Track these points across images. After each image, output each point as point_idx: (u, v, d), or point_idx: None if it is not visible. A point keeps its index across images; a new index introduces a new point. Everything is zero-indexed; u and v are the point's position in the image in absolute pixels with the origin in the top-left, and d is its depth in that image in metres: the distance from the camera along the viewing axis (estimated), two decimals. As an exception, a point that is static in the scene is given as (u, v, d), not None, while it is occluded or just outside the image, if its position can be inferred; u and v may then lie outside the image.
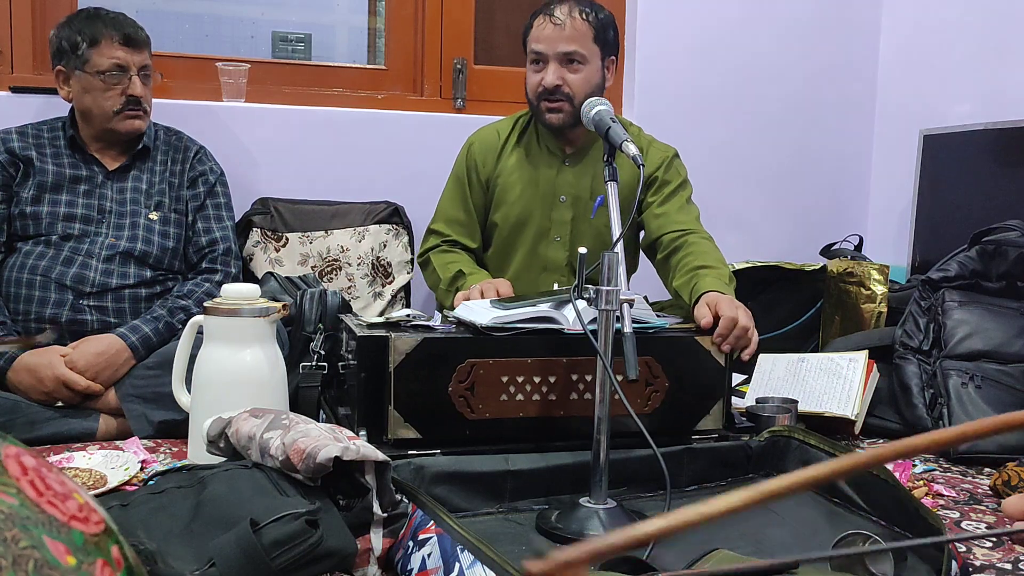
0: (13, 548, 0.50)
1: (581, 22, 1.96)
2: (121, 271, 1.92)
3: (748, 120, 2.86)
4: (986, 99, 2.57)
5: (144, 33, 2.00)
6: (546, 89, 1.97)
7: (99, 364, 1.78)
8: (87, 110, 1.97)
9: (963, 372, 1.86)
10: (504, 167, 2.10)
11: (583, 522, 1.27)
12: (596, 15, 1.99)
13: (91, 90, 1.94)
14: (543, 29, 1.97)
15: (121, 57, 1.94)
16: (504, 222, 2.11)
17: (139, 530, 1.00)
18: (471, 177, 2.12)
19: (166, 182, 2.04)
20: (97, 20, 1.94)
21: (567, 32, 1.95)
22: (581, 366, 1.50)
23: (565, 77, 1.96)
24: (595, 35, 1.98)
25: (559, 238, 2.08)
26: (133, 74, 1.95)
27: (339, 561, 1.00)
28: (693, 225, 1.97)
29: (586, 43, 1.97)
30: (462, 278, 1.99)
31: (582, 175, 2.07)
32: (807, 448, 1.49)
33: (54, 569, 0.51)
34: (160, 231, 1.99)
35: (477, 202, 2.13)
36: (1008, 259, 1.96)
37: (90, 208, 1.96)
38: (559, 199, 2.07)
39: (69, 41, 1.93)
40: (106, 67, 1.93)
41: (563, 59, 1.96)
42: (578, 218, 2.07)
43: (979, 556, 1.29)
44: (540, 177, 2.08)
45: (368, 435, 1.42)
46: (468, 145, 2.15)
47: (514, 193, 2.09)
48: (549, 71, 1.97)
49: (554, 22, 1.96)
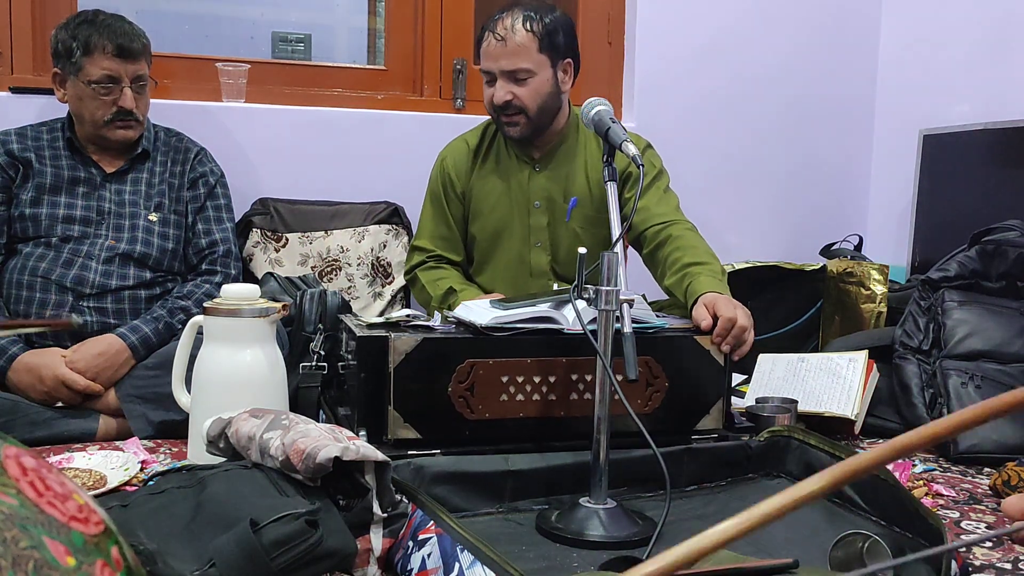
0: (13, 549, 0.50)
1: (524, 34, 1.92)
2: (120, 272, 1.92)
3: (747, 120, 2.86)
4: (986, 99, 2.57)
5: (141, 41, 1.96)
6: (498, 105, 1.96)
7: (99, 364, 1.78)
8: (80, 115, 1.96)
9: (963, 372, 1.86)
10: (478, 178, 2.10)
11: (583, 522, 1.27)
12: (541, 21, 1.94)
13: (83, 97, 1.93)
14: (488, 45, 1.95)
15: (113, 68, 1.91)
16: (482, 233, 2.10)
17: (139, 530, 1.00)
18: (447, 192, 2.11)
19: (166, 183, 2.04)
20: (92, 27, 1.91)
21: (509, 48, 1.92)
22: (581, 366, 1.50)
23: (514, 91, 1.94)
24: (540, 45, 1.93)
25: (539, 243, 2.08)
26: (125, 85, 1.93)
27: (339, 561, 1.00)
28: (674, 215, 1.95)
29: (530, 55, 1.93)
30: (453, 295, 1.99)
31: (553, 179, 2.06)
32: (807, 448, 1.49)
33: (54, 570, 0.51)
34: (159, 232, 1.99)
35: (456, 215, 2.12)
36: (1008, 259, 1.96)
37: (89, 210, 1.96)
38: (533, 204, 2.07)
39: (64, 45, 1.91)
40: (97, 77, 1.90)
41: (509, 75, 1.94)
42: (554, 222, 2.06)
43: (979, 556, 1.29)
44: (512, 184, 2.07)
45: (368, 435, 1.42)
46: (440, 160, 2.14)
47: (489, 203, 2.08)
48: (497, 88, 1.95)
49: (497, 37, 1.93)
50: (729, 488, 1.49)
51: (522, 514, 1.35)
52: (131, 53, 1.93)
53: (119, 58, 1.91)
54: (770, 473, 1.53)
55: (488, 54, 1.95)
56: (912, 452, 0.41)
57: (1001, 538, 1.34)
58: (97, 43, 1.89)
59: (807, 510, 1.39)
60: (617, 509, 1.30)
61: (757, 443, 1.55)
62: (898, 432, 1.89)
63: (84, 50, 1.89)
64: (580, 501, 1.31)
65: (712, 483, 1.50)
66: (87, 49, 1.89)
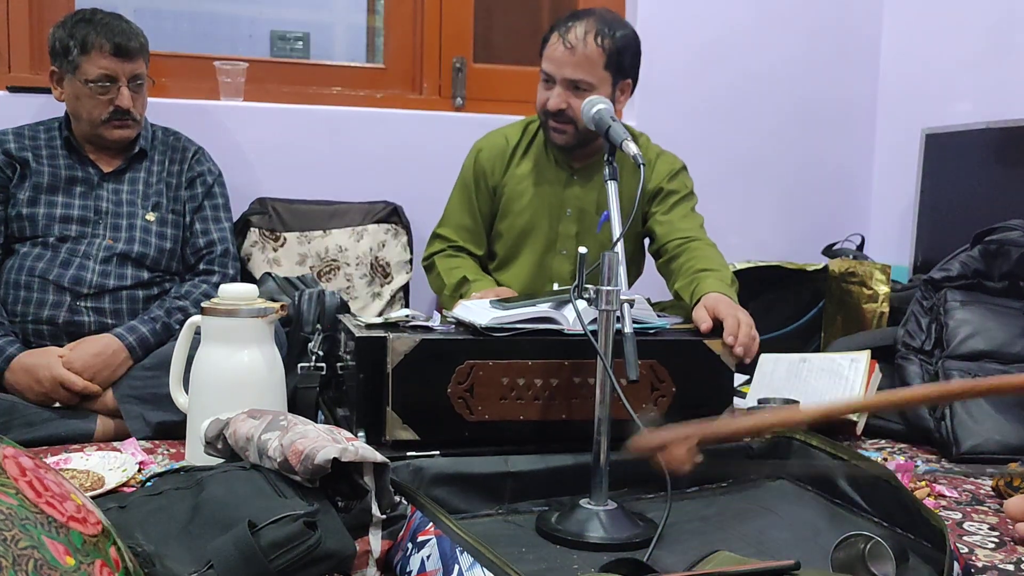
0: (13, 548, 0.50)
1: (594, 47, 1.90)
2: (118, 272, 1.91)
3: (749, 120, 2.85)
4: (988, 98, 2.57)
5: (139, 40, 1.94)
6: (551, 111, 1.95)
7: (96, 365, 1.77)
8: (77, 114, 1.95)
9: (965, 372, 1.85)
10: (512, 176, 2.09)
11: (583, 524, 1.27)
12: (613, 38, 1.91)
13: (80, 96, 1.92)
14: (555, 49, 1.92)
15: (110, 67, 1.89)
16: (509, 231, 2.10)
17: (137, 532, 0.99)
18: (479, 184, 2.10)
19: (163, 182, 2.03)
20: (90, 26, 1.89)
21: (576, 58, 1.90)
22: (583, 369, 1.48)
23: (570, 101, 1.93)
24: (607, 61, 1.91)
25: (565, 251, 2.08)
26: (122, 85, 1.91)
27: (338, 563, 0.99)
28: (696, 233, 1.96)
29: (595, 70, 1.91)
30: (466, 284, 1.98)
31: (589, 190, 2.06)
32: (809, 449, 1.48)
33: (54, 569, 0.51)
34: (157, 232, 1.98)
35: (484, 209, 2.11)
36: (1010, 259, 1.95)
37: (86, 209, 1.95)
38: (565, 212, 2.07)
39: (62, 44, 1.90)
40: (94, 76, 1.89)
41: (569, 84, 1.92)
42: (583, 232, 2.06)
43: (981, 557, 1.28)
44: (548, 189, 2.07)
45: (366, 436, 1.41)
46: (476, 151, 2.13)
47: (521, 203, 2.08)
48: (555, 94, 1.93)
49: (566, 44, 1.90)
50: (730, 489, 1.49)
51: (522, 516, 1.35)
52: (128, 52, 1.91)
53: (116, 57, 1.90)
54: (772, 474, 1.53)
55: (553, 59, 1.92)
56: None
57: (1003, 539, 1.34)
58: (94, 42, 1.88)
59: (808, 511, 1.39)
60: (618, 511, 1.29)
61: (759, 444, 1.54)
62: (900, 433, 1.89)
63: (81, 49, 1.88)
64: (580, 503, 1.30)
65: (713, 484, 1.50)
66: (84, 48, 1.88)
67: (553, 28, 1.96)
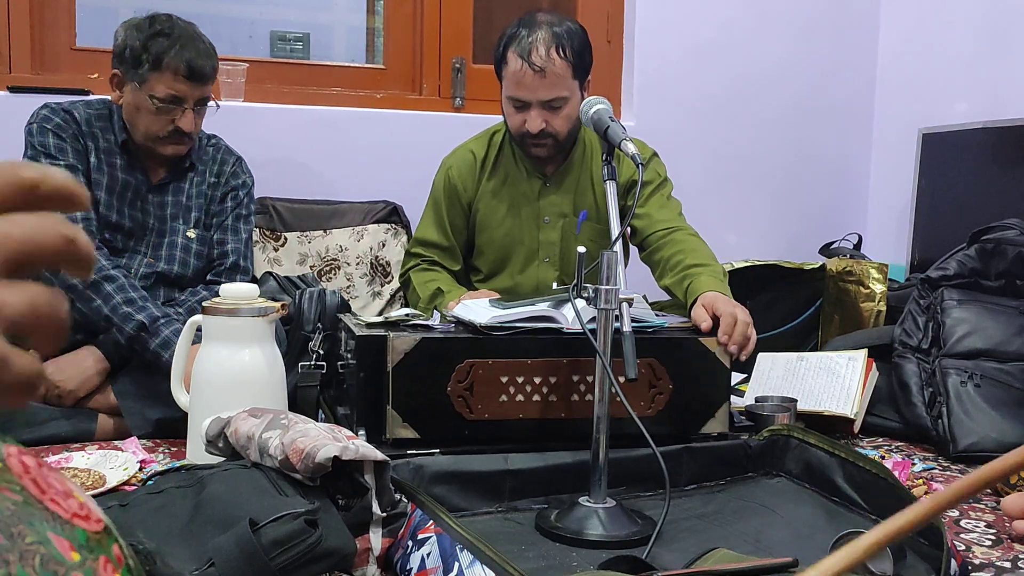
0: (20, 543, 0.50)
1: (560, 62, 1.88)
2: (153, 293, 1.87)
3: (747, 119, 2.86)
4: (985, 98, 2.57)
5: (213, 63, 1.86)
6: (532, 133, 1.94)
7: (83, 376, 1.77)
8: (133, 123, 1.87)
9: (962, 371, 1.86)
10: (484, 190, 2.07)
11: (582, 521, 1.27)
12: (571, 45, 1.90)
13: (141, 109, 1.83)
14: (523, 75, 1.88)
15: (180, 90, 1.81)
16: (490, 246, 2.09)
17: (138, 530, 1.00)
18: (452, 201, 2.08)
19: (204, 196, 1.99)
20: (168, 41, 1.79)
21: (548, 79, 1.88)
22: (583, 367, 1.49)
23: (548, 119, 1.92)
24: (573, 71, 1.91)
25: (548, 259, 2.08)
26: (188, 107, 1.84)
27: (338, 561, 1.00)
28: (677, 222, 1.96)
29: (566, 83, 1.91)
30: (440, 296, 1.97)
31: (564, 194, 2.06)
32: (806, 447, 1.49)
33: (60, 565, 0.51)
34: (196, 251, 1.95)
35: (458, 226, 2.10)
36: (1007, 257, 1.96)
37: (134, 221, 1.91)
38: (543, 220, 2.06)
39: (134, 53, 1.80)
40: (161, 95, 1.80)
41: (545, 104, 1.91)
42: (565, 237, 2.06)
43: (978, 555, 1.29)
44: (522, 199, 2.06)
45: (367, 435, 1.42)
46: (446, 168, 2.11)
47: (497, 217, 2.07)
48: (532, 117, 1.92)
49: (534, 68, 1.87)
50: (728, 487, 1.49)
51: (521, 513, 1.35)
52: (203, 77, 1.84)
53: (189, 80, 1.81)
54: (769, 472, 1.53)
55: (524, 85, 1.90)
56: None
57: (1000, 536, 1.34)
58: (169, 63, 1.79)
59: (807, 509, 1.39)
60: (616, 508, 1.30)
61: (756, 442, 1.54)
62: (897, 431, 1.90)
63: (154, 65, 1.79)
64: (579, 500, 1.31)
65: (711, 482, 1.50)
66: (158, 65, 1.79)
67: (506, 46, 1.92)
